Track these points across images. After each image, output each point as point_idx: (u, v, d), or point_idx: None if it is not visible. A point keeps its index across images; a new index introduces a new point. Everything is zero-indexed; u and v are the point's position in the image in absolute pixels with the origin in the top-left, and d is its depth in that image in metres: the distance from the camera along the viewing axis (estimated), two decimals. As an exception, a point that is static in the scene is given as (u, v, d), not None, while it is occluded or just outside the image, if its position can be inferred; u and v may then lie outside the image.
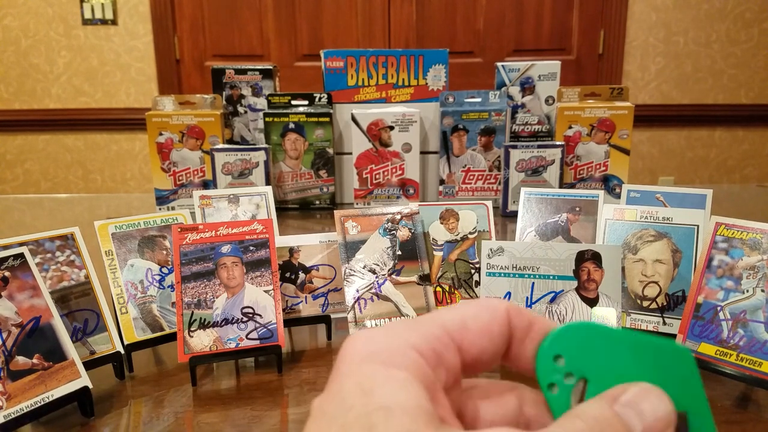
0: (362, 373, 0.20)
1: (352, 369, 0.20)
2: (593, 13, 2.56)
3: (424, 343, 0.21)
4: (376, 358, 0.20)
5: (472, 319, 0.22)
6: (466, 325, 0.22)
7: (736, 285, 0.49)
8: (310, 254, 0.62)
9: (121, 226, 0.57)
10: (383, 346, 0.21)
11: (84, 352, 0.51)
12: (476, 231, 0.62)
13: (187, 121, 1.10)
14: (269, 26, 2.60)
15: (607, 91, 1.11)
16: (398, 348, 0.21)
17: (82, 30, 2.61)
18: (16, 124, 2.70)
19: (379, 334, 0.21)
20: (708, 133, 2.69)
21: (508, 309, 0.22)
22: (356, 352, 0.21)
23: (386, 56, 1.16)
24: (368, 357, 0.20)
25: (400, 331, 0.21)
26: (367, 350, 0.21)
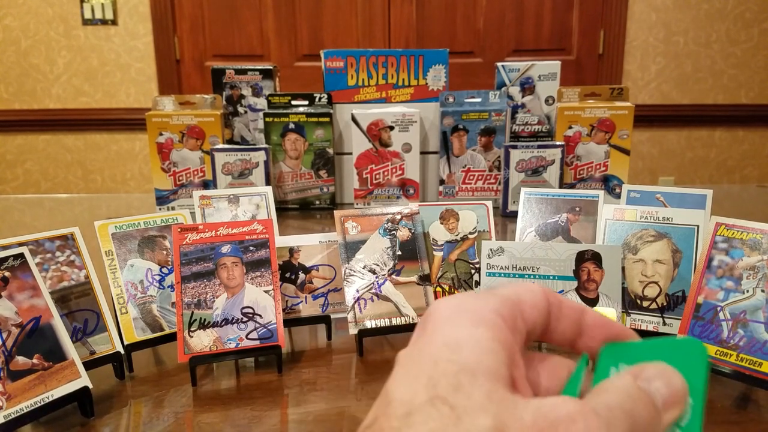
0: (450, 329, 0.22)
1: (439, 325, 0.22)
2: (593, 13, 2.56)
3: (504, 308, 0.23)
4: (463, 316, 0.22)
5: (525, 294, 0.24)
6: (521, 298, 0.24)
7: (736, 285, 0.49)
8: (310, 254, 0.62)
9: (121, 226, 0.57)
10: (470, 306, 0.23)
11: (84, 352, 0.51)
12: (476, 231, 0.62)
13: (187, 121, 1.10)
14: (269, 26, 2.60)
15: (607, 91, 1.11)
16: (482, 309, 0.22)
17: (82, 30, 2.61)
18: (16, 124, 2.70)
19: (465, 296, 0.24)
20: (708, 133, 2.69)
21: (543, 289, 0.25)
22: (444, 310, 0.23)
23: (386, 56, 1.16)
24: (455, 315, 0.22)
25: (481, 297, 0.23)
26: (455, 309, 0.23)
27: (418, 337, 0.23)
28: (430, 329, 0.22)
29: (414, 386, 0.20)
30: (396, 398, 0.20)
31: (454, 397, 0.19)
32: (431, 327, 0.22)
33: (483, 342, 0.21)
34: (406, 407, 0.20)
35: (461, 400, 0.19)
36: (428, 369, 0.21)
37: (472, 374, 0.20)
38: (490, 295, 0.24)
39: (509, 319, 0.23)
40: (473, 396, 0.19)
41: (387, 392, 0.21)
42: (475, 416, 0.19)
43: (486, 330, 0.22)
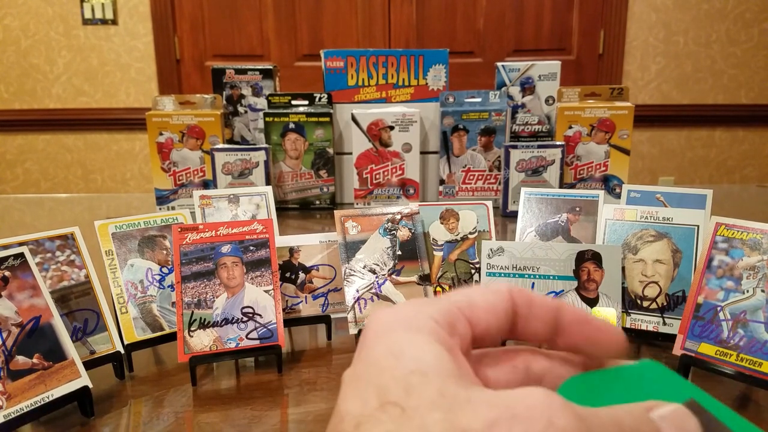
0: (389, 340, 0.22)
1: (378, 337, 0.22)
2: (593, 13, 2.56)
3: (438, 314, 0.23)
4: (398, 326, 0.22)
5: (479, 297, 0.24)
6: (473, 302, 0.24)
7: (736, 285, 0.49)
8: (310, 254, 0.62)
9: (121, 225, 0.57)
10: (403, 316, 0.23)
11: (84, 352, 0.51)
12: (476, 231, 0.62)
13: (187, 121, 1.10)
14: (269, 26, 2.60)
15: (607, 91, 1.11)
16: (417, 316, 0.22)
17: (82, 30, 2.61)
18: (16, 124, 2.70)
19: (398, 308, 0.23)
20: (708, 133, 2.69)
21: (510, 290, 0.24)
22: (380, 322, 0.23)
23: (386, 56, 1.16)
24: (392, 325, 0.22)
25: (416, 304, 0.23)
26: (390, 320, 0.23)
27: (358, 352, 0.23)
28: (369, 343, 0.22)
29: (364, 397, 0.20)
30: (347, 413, 0.20)
31: (406, 399, 0.19)
32: (370, 341, 0.22)
33: (424, 345, 0.21)
34: (356, 419, 0.20)
35: (413, 400, 0.19)
36: (375, 379, 0.20)
37: (421, 374, 0.20)
38: (427, 301, 0.24)
39: (445, 323, 0.23)
40: (424, 394, 0.19)
41: (338, 410, 0.21)
42: (425, 413, 0.19)
43: (423, 335, 0.22)
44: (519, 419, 0.18)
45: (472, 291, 0.25)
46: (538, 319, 0.24)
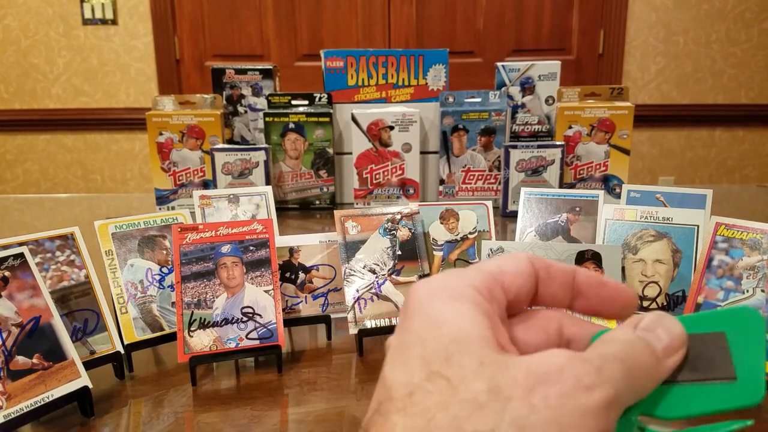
0: (430, 309, 0.23)
1: (420, 307, 0.23)
2: (593, 13, 2.56)
3: (478, 281, 0.24)
4: (440, 294, 0.23)
5: (506, 264, 0.25)
6: (502, 269, 0.25)
7: (736, 285, 0.49)
8: (310, 254, 0.62)
9: (121, 225, 0.57)
10: (444, 284, 0.24)
11: (84, 352, 0.51)
12: (476, 231, 0.62)
13: (187, 121, 1.10)
14: (269, 26, 2.60)
15: (607, 91, 1.11)
16: (458, 284, 0.24)
17: (82, 30, 2.61)
18: (16, 124, 2.69)
19: (439, 277, 0.25)
20: (708, 133, 2.69)
21: (528, 256, 0.26)
22: (422, 291, 0.24)
23: (386, 56, 1.16)
24: (433, 294, 0.23)
25: (455, 273, 0.25)
26: (432, 288, 0.24)
27: (401, 321, 0.24)
28: (411, 313, 0.23)
29: (409, 367, 0.21)
30: (395, 381, 0.21)
31: (447, 369, 0.20)
32: (412, 310, 0.23)
33: (463, 313, 0.22)
34: (406, 388, 0.21)
35: (455, 370, 0.20)
36: (419, 349, 0.21)
37: (459, 343, 0.21)
38: (465, 270, 0.25)
39: (485, 290, 0.24)
40: (464, 364, 0.20)
41: (385, 378, 0.22)
42: (470, 383, 0.20)
43: (464, 303, 0.23)
44: (552, 382, 0.20)
45: (500, 259, 0.26)
46: (557, 282, 0.26)
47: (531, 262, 0.26)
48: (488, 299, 0.24)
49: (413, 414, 0.20)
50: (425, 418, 0.20)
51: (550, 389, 0.20)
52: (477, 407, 0.19)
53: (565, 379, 0.20)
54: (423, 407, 0.20)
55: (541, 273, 0.26)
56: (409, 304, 0.24)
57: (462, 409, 0.19)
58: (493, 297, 0.24)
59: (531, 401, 0.19)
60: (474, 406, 0.19)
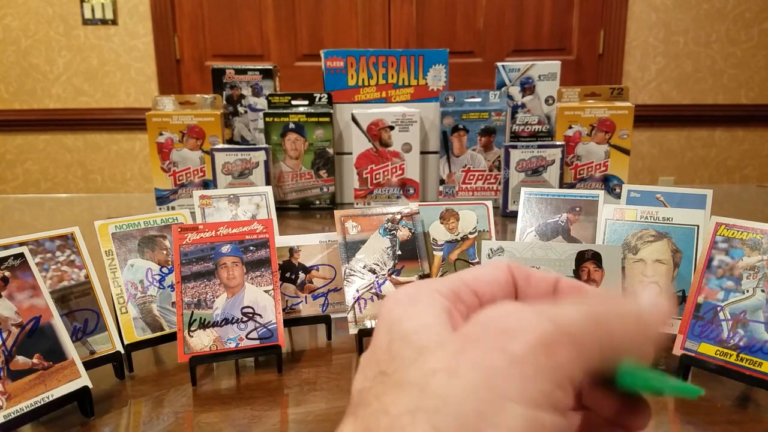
0: (391, 317, 0.23)
1: (382, 319, 0.24)
2: (593, 13, 2.56)
3: (442, 287, 0.24)
4: (401, 303, 0.24)
5: (482, 271, 0.26)
6: (477, 276, 0.26)
7: (736, 285, 0.49)
8: (310, 254, 0.62)
9: (121, 226, 0.57)
10: (407, 292, 0.24)
11: (84, 352, 0.51)
12: (476, 231, 0.62)
13: (187, 121, 1.10)
14: (269, 26, 2.60)
15: (607, 91, 1.11)
16: (419, 291, 0.24)
17: (82, 30, 2.61)
18: (16, 124, 2.69)
19: (404, 287, 0.25)
20: (708, 133, 2.69)
21: (509, 264, 0.26)
22: (386, 304, 0.24)
23: (386, 56, 1.16)
24: (395, 304, 0.24)
25: (422, 282, 0.25)
26: (394, 299, 0.24)
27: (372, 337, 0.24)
28: (376, 327, 0.24)
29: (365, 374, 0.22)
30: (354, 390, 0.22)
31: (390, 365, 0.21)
32: (377, 324, 0.24)
33: (421, 311, 0.22)
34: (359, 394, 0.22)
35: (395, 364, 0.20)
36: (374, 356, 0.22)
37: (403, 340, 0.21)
38: (432, 280, 0.26)
39: (450, 293, 0.24)
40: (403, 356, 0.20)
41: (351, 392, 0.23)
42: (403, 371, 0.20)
43: (422, 304, 0.23)
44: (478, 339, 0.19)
45: (476, 267, 0.27)
46: (538, 290, 0.26)
47: (510, 270, 0.26)
48: (451, 300, 0.24)
49: (361, 415, 0.20)
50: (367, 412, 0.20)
51: (475, 348, 0.18)
52: (401, 388, 0.19)
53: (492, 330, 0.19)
54: (366, 404, 0.20)
55: (520, 282, 0.26)
56: (378, 317, 0.24)
57: (388, 393, 0.19)
58: (458, 299, 0.24)
59: (454, 367, 0.18)
60: (399, 388, 0.19)
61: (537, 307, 0.20)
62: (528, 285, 0.26)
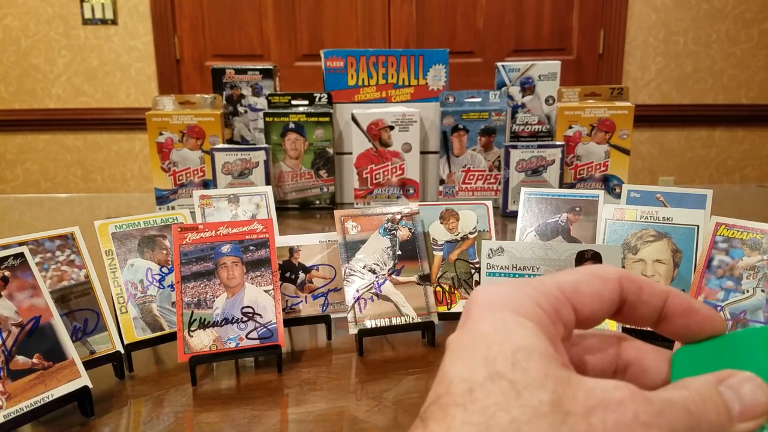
0: (496, 318, 0.22)
1: (485, 314, 0.23)
2: (593, 13, 2.56)
3: (545, 301, 0.23)
4: (506, 306, 0.23)
5: (585, 285, 0.24)
6: (579, 289, 0.24)
7: (736, 285, 0.49)
8: (310, 254, 0.62)
9: (121, 225, 0.57)
10: (512, 298, 0.23)
11: (84, 352, 0.51)
12: (476, 231, 0.62)
13: (187, 121, 1.10)
14: (269, 26, 2.60)
15: (607, 91, 1.11)
16: (525, 301, 0.23)
17: (82, 30, 2.61)
18: (16, 124, 2.69)
19: (506, 288, 0.24)
20: (708, 133, 2.69)
21: (620, 278, 0.24)
22: (487, 300, 0.23)
23: (386, 56, 1.16)
24: (499, 305, 0.23)
25: (523, 287, 0.24)
26: (497, 298, 0.23)
27: (463, 322, 0.24)
28: (474, 316, 0.23)
29: (471, 365, 0.21)
30: (456, 377, 0.21)
31: (513, 372, 0.20)
32: (476, 314, 0.23)
33: (529, 328, 0.22)
34: (467, 384, 0.21)
35: (519, 375, 0.20)
36: (483, 350, 0.21)
37: (527, 352, 0.21)
38: (536, 285, 0.24)
39: (551, 310, 0.23)
40: (530, 372, 0.20)
41: (444, 373, 0.22)
42: (533, 391, 0.20)
43: (529, 321, 0.22)
44: (611, 410, 0.20)
45: (580, 276, 0.25)
46: (647, 306, 0.25)
47: (620, 284, 0.24)
48: (552, 320, 0.23)
49: (473, 410, 0.20)
50: (485, 415, 0.20)
51: (608, 415, 0.20)
52: (538, 414, 0.19)
53: (625, 410, 0.20)
54: (483, 405, 0.20)
55: (630, 297, 0.25)
56: (472, 307, 0.24)
57: (523, 413, 0.19)
58: (558, 317, 0.23)
59: (589, 420, 0.20)
60: (535, 413, 0.19)
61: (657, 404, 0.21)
62: (638, 300, 0.25)
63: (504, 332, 0.22)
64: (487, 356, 0.21)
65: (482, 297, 0.24)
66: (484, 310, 0.23)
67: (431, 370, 0.54)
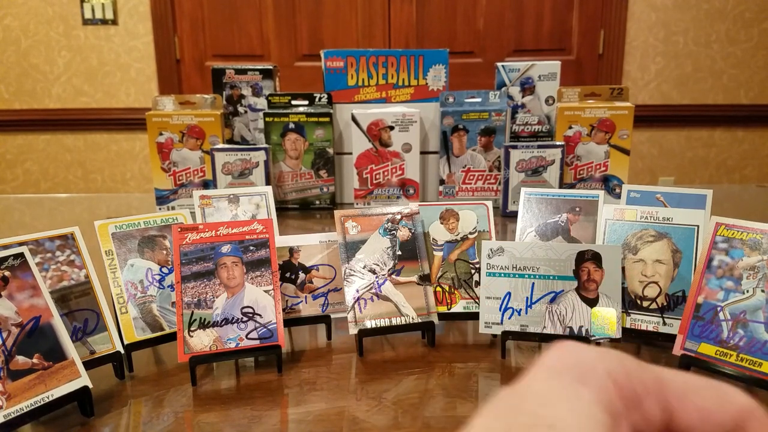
0: (549, 384, 0.19)
1: (541, 375, 0.20)
2: (593, 13, 2.56)
3: (623, 377, 0.20)
4: (568, 372, 0.20)
5: (696, 393, 0.20)
6: (686, 394, 0.20)
7: (736, 285, 0.49)
8: (310, 254, 0.62)
9: (121, 225, 0.57)
10: (579, 361, 0.20)
11: (84, 352, 0.51)
12: (476, 231, 0.62)
13: (187, 121, 1.10)
14: (269, 26, 2.60)
15: (607, 91, 1.11)
16: (593, 368, 0.20)
17: (82, 30, 2.61)
18: (16, 124, 2.69)
19: (582, 350, 0.21)
20: (708, 133, 2.69)
21: (746, 411, 0.20)
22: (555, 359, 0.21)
23: (386, 56, 1.16)
24: (562, 369, 0.20)
25: (606, 355, 0.20)
26: (564, 362, 0.20)
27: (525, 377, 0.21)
28: (536, 373, 0.20)
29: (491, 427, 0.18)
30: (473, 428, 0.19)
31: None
32: (538, 371, 0.20)
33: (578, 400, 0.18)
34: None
35: None
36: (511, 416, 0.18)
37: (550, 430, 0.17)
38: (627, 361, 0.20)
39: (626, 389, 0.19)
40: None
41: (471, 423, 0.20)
42: None
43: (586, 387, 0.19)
44: None
45: (698, 382, 0.20)
46: None
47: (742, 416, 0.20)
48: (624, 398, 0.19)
49: None
50: None
51: None
52: None
53: None
54: None
55: None
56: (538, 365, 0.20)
57: None
58: (635, 403, 0.19)
59: None
60: None
61: None
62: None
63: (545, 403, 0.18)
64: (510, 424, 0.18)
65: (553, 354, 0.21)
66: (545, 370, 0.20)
67: (431, 370, 0.54)
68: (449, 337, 0.62)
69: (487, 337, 0.60)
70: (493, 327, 0.56)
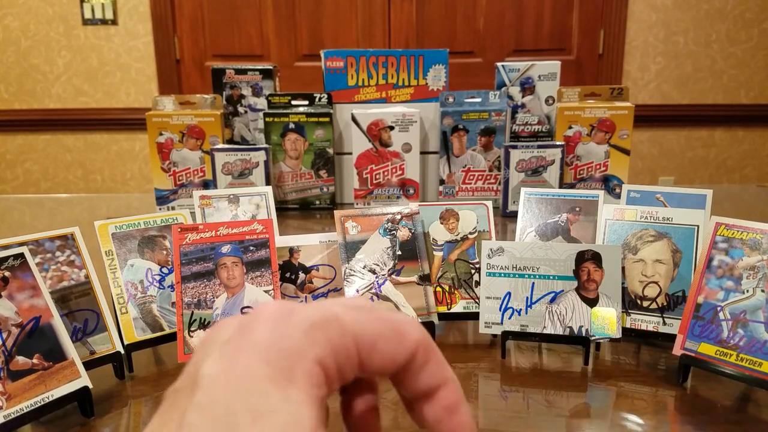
0: (256, 390, 0.17)
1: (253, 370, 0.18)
2: (593, 13, 2.56)
3: (330, 358, 0.20)
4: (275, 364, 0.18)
5: (383, 341, 0.21)
6: (376, 346, 0.21)
7: (736, 285, 0.49)
8: (310, 254, 0.62)
9: (121, 226, 0.57)
10: (286, 347, 0.19)
11: (84, 352, 0.51)
12: (476, 231, 0.62)
13: (187, 121, 1.10)
14: (269, 26, 2.60)
15: (607, 91, 1.11)
16: (301, 355, 0.19)
17: (82, 30, 2.61)
18: (16, 124, 2.70)
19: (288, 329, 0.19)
20: (708, 133, 2.69)
21: (419, 343, 0.22)
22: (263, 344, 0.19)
23: (386, 56, 1.16)
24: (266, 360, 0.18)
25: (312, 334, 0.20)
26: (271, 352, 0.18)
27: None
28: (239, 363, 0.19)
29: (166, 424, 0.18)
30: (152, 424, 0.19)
31: None
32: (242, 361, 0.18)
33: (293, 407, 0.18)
34: None
35: None
36: None
37: None
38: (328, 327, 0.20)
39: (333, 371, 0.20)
40: None
41: None
42: None
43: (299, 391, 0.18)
44: None
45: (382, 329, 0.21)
46: (422, 382, 0.22)
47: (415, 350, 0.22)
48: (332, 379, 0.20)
49: None
50: None
51: None
52: None
53: None
54: None
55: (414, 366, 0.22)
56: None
57: None
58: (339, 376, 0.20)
59: None
60: None
61: None
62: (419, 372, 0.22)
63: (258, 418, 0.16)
64: None
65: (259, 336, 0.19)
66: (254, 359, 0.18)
67: (431, 370, 0.54)
68: (449, 337, 0.62)
69: (487, 337, 0.60)
70: (493, 327, 0.56)
